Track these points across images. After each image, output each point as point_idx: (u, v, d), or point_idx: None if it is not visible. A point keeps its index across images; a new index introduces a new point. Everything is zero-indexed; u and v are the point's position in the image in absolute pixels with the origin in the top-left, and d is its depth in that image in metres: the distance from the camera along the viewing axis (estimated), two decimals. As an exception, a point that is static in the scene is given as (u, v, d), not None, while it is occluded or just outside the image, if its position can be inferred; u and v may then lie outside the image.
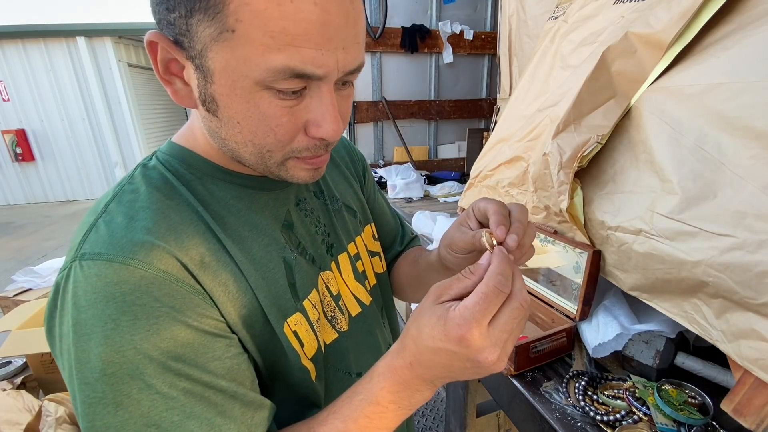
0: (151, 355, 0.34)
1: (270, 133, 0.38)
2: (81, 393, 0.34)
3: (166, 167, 0.43)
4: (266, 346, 0.44)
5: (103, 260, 0.34)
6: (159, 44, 0.36)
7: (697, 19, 0.77)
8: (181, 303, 0.36)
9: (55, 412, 1.74)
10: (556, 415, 0.74)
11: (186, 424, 0.35)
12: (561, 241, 0.95)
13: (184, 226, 0.40)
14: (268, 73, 0.33)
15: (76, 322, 0.34)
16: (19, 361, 2.53)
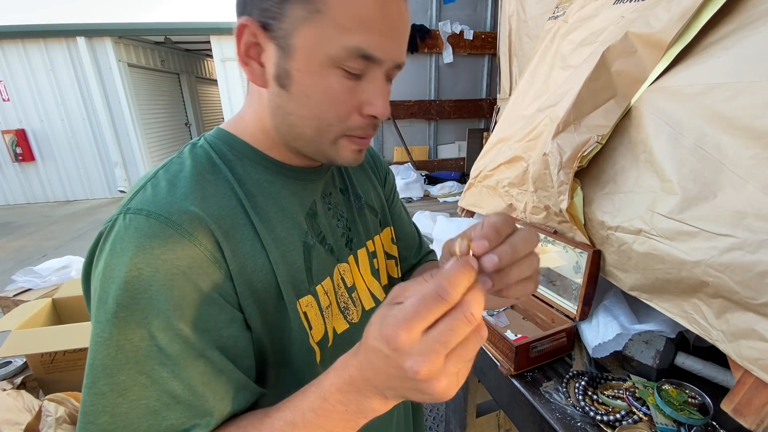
0: (161, 308, 0.37)
1: (333, 107, 0.43)
2: (93, 331, 0.37)
3: (212, 147, 0.48)
4: (276, 323, 0.46)
5: (143, 215, 0.38)
6: (247, 27, 0.41)
7: (697, 19, 0.77)
8: (199, 267, 0.39)
9: (55, 412, 1.74)
10: (556, 415, 0.74)
11: (172, 382, 0.37)
12: (561, 241, 0.95)
13: (218, 198, 0.43)
14: (342, 50, 0.39)
15: (106, 265, 0.37)
16: (19, 361, 2.53)
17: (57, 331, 2.39)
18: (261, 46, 0.42)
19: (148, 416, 0.36)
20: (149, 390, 0.36)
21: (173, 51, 8.82)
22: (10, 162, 6.96)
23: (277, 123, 0.46)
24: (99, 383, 0.36)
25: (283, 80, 0.42)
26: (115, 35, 6.77)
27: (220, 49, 7.26)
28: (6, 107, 6.76)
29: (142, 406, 0.36)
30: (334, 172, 0.61)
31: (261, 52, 0.43)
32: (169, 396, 0.37)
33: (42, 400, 1.77)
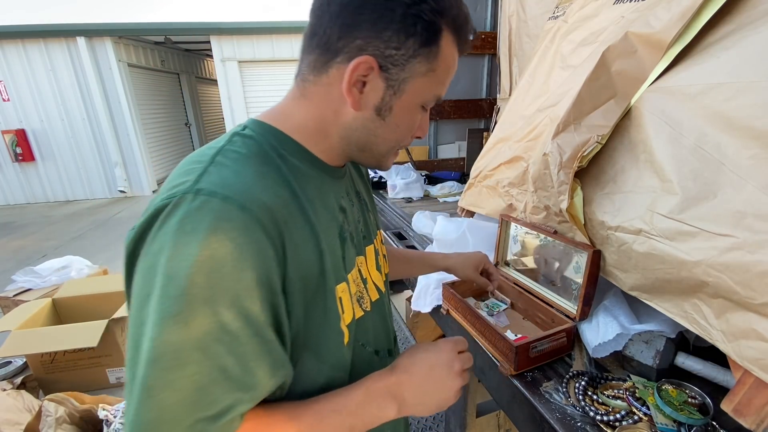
0: (229, 289, 0.39)
1: (408, 133, 0.56)
2: (160, 305, 0.38)
3: (263, 139, 0.50)
4: (317, 307, 0.50)
5: (218, 198, 0.40)
6: (365, 65, 0.47)
7: (697, 19, 0.77)
8: (265, 253, 0.42)
9: (55, 412, 1.74)
10: (556, 415, 0.74)
11: (226, 358, 0.39)
12: (561, 241, 0.95)
13: (276, 188, 0.46)
14: (433, 97, 0.53)
15: (176, 242, 0.38)
16: (19, 361, 2.54)
17: (57, 331, 2.40)
18: (368, 78, 0.49)
19: (197, 390, 0.38)
20: (203, 365, 0.38)
21: (173, 51, 8.83)
22: (10, 162, 6.96)
23: (356, 137, 0.54)
24: (165, 358, 0.37)
25: (383, 111, 0.51)
26: (115, 35, 6.78)
27: (220, 49, 7.26)
28: (6, 107, 6.77)
29: (195, 380, 0.38)
30: (349, 176, 0.66)
31: (365, 84, 0.49)
32: (220, 371, 0.39)
33: (42, 400, 1.76)
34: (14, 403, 1.86)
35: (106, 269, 3.31)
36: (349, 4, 0.46)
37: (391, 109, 0.51)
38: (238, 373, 0.40)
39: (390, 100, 0.50)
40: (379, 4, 0.45)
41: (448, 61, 0.51)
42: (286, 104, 0.55)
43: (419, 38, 0.47)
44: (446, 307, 1.12)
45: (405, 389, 0.51)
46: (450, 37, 0.49)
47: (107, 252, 4.51)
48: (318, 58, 0.50)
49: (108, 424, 1.78)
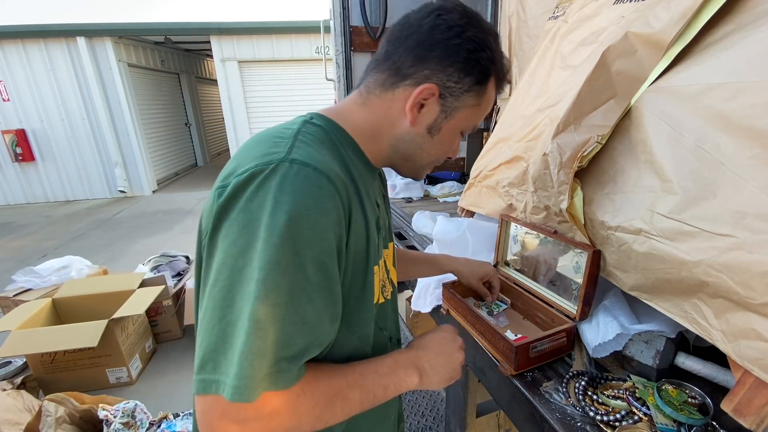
0: (315, 244, 0.46)
1: (446, 153, 0.67)
2: (264, 252, 0.43)
3: (329, 130, 0.58)
4: (358, 280, 0.57)
5: (311, 168, 0.47)
6: (429, 90, 0.57)
7: (697, 19, 0.77)
8: (341, 220, 0.49)
9: (55, 412, 1.74)
10: (556, 415, 0.74)
11: (306, 305, 0.46)
12: (561, 241, 0.95)
13: (342, 169, 0.54)
14: (471, 126, 0.65)
15: (277, 201, 0.44)
16: (19, 361, 2.54)
17: (57, 331, 2.40)
18: (428, 102, 0.59)
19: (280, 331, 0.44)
20: (288, 309, 0.44)
21: (173, 51, 8.83)
22: (10, 162, 6.96)
23: (405, 148, 0.63)
24: (271, 296, 0.43)
25: (434, 130, 0.61)
26: (115, 35, 6.77)
27: (220, 49, 7.26)
28: (6, 107, 6.76)
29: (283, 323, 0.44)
30: (378, 180, 0.73)
31: (423, 106, 0.59)
32: (300, 316, 0.45)
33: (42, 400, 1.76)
34: (14, 403, 1.86)
35: (106, 269, 3.31)
36: (425, 41, 0.56)
37: (440, 130, 0.61)
38: (313, 321, 0.47)
39: (441, 123, 0.61)
40: (449, 46, 0.56)
41: (489, 99, 0.62)
42: (347, 107, 0.63)
43: (474, 78, 0.58)
44: (446, 307, 1.12)
45: (424, 361, 0.62)
46: (493, 81, 0.61)
47: (107, 252, 4.51)
48: (387, 78, 0.59)
49: (108, 424, 1.78)
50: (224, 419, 0.43)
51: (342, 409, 0.52)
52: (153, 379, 2.45)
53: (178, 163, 9.16)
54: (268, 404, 0.44)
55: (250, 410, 0.43)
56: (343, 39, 2.43)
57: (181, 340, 2.83)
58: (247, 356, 0.42)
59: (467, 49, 0.56)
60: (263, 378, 0.43)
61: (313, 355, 0.48)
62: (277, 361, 0.44)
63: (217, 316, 0.44)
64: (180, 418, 1.95)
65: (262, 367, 0.43)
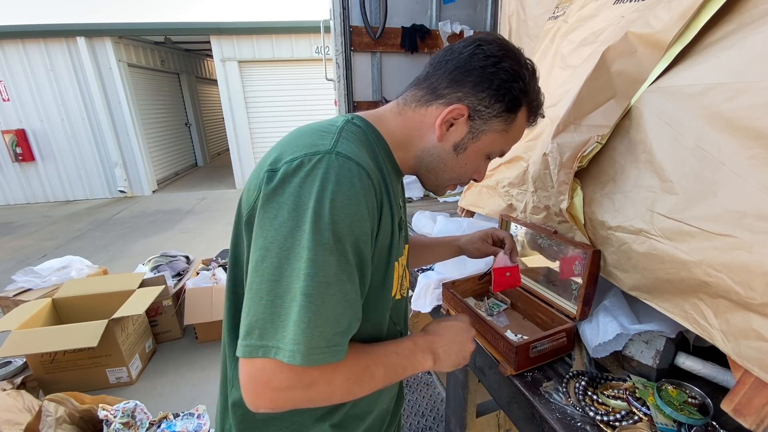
0: (356, 231, 0.50)
1: (470, 174, 0.70)
2: (313, 235, 0.48)
3: (367, 131, 0.62)
4: (379, 270, 0.60)
5: (354, 162, 0.52)
6: (459, 110, 0.61)
7: (697, 19, 0.77)
8: (374, 212, 0.54)
9: (55, 412, 1.74)
10: (556, 415, 0.74)
11: (347, 284, 0.51)
12: (561, 241, 0.95)
13: (377, 169, 0.58)
14: (499, 150, 0.68)
15: (323, 188, 0.49)
16: (19, 361, 2.53)
17: (57, 331, 2.40)
18: (455, 120, 0.63)
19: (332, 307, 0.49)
20: (332, 288, 0.49)
21: (173, 51, 8.83)
22: (10, 162, 6.95)
23: (429, 161, 0.67)
24: (320, 273, 0.48)
25: (459, 148, 0.65)
26: (115, 35, 6.77)
27: (220, 49, 7.26)
28: (6, 107, 6.76)
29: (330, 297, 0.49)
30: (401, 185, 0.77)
31: (453, 124, 0.63)
32: (343, 294, 0.50)
33: (42, 400, 1.77)
34: (14, 403, 1.86)
35: (106, 269, 3.31)
36: (462, 67, 0.61)
37: (466, 149, 0.65)
38: (353, 299, 0.52)
39: (467, 142, 0.64)
40: (485, 74, 0.60)
41: (518, 128, 0.66)
42: (385, 114, 0.67)
43: (504, 106, 0.61)
44: (446, 307, 1.12)
45: (439, 347, 0.66)
46: (525, 113, 0.65)
47: (107, 252, 4.51)
48: (424, 96, 0.64)
49: (108, 424, 1.78)
50: (268, 386, 0.48)
51: (368, 384, 0.56)
52: (153, 379, 2.45)
53: (178, 163, 9.15)
54: (310, 375, 0.49)
55: (294, 379, 0.48)
56: (343, 39, 2.43)
57: (181, 340, 2.83)
58: (301, 326, 0.47)
59: (501, 78, 0.60)
60: (320, 350, 0.48)
61: (354, 331, 0.53)
62: (333, 336, 0.49)
63: (265, 289, 0.48)
64: (180, 418, 1.95)
65: (316, 339, 0.47)
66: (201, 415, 1.99)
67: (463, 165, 0.67)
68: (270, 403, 0.49)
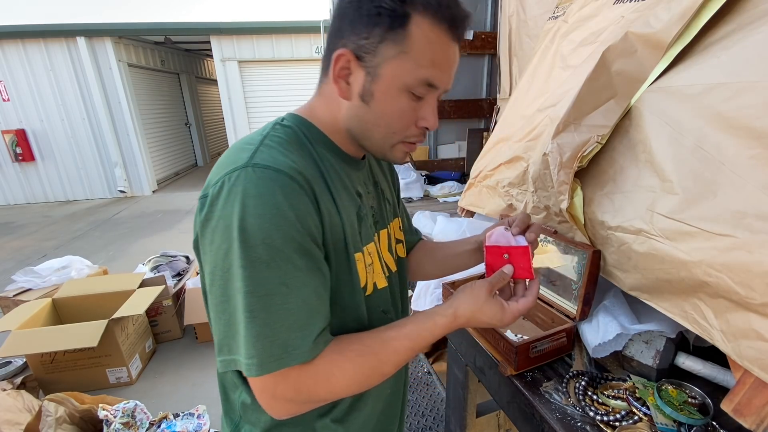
0: (293, 236, 0.50)
1: (399, 121, 0.59)
2: (242, 252, 0.48)
3: (298, 129, 0.61)
4: (342, 266, 0.60)
5: (272, 169, 0.51)
6: (344, 56, 0.56)
7: (697, 19, 0.77)
8: (311, 210, 0.53)
9: (55, 412, 1.74)
10: (556, 415, 0.74)
11: (303, 288, 0.51)
12: (561, 241, 0.95)
13: (309, 167, 0.57)
14: (415, 80, 0.55)
15: (244, 205, 0.48)
16: (19, 361, 2.53)
17: (57, 331, 2.40)
18: (350, 70, 0.57)
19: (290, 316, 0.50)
20: (289, 297, 0.50)
21: (173, 51, 8.83)
22: (10, 162, 6.96)
23: (353, 126, 0.61)
24: (258, 289, 0.49)
25: (367, 97, 0.57)
26: (115, 35, 6.77)
27: (220, 49, 7.26)
28: (6, 107, 6.76)
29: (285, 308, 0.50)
30: (368, 168, 0.74)
31: (350, 75, 0.57)
32: (302, 300, 0.51)
33: (42, 400, 1.77)
34: (14, 403, 1.86)
35: (106, 269, 3.31)
36: (337, 16, 0.57)
37: (373, 94, 0.57)
38: (314, 300, 0.52)
39: (370, 86, 0.56)
40: (353, 8, 0.55)
41: (423, 42, 0.53)
42: (312, 101, 0.65)
43: (384, 25, 0.53)
44: (446, 307, 1.12)
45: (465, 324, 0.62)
46: (424, 21, 0.53)
47: (107, 252, 4.51)
48: (323, 61, 0.61)
49: (108, 424, 1.78)
50: (264, 394, 0.53)
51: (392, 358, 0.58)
52: (153, 379, 2.45)
53: (178, 163, 9.15)
54: (293, 377, 0.52)
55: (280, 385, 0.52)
56: (343, 39, 2.43)
57: (181, 340, 2.83)
58: (250, 340, 0.49)
59: (368, 2, 0.53)
60: (276, 356, 0.50)
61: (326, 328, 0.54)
62: (288, 341, 0.50)
63: (220, 310, 0.51)
64: (180, 418, 1.95)
65: (268, 349, 0.49)
66: (201, 415, 1.99)
67: (382, 114, 0.58)
68: (286, 411, 0.54)
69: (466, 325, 0.62)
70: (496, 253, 0.68)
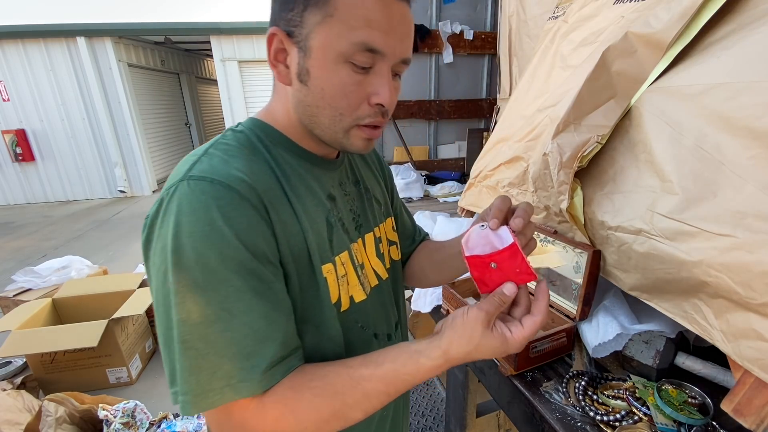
0: (232, 255, 0.44)
1: (344, 97, 0.50)
2: (175, 276, 0.43)
3: (252, 132, 0.56)
4: (308, 281, 0.54)
5: (207, 181, 0.45)
6: (275, 36, 0.50)
7: (697, 19, 0.77)
8: (257, 225, 0.47)
9: (55, 412, 1.74)
10: (556, 415, 0.74)
11: (248, 313, 0.45)
12: (561, 241, 0.95)
13: (261, 174, 0.51)
14: (350, 45, 0.47)
15: (178, 223, 0.43)
16: (19, 361, 2.53)
17: (57, 331, 2.40)
18: (286, 50, 0.51)
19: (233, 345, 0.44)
20: (231, 323, 0.44)
21: (173, 51, 8.82)
22: (10, 162, 6.95)
23: (300, 114, 0.54)
24: (192, 316, 0.43)
25: (303, 77, 0.51)
26: (115, 35, 6.77)
27: (220, 49, 7.26)
28: (6, 107, 6.76)
29: (227, 336, 0.44)
30: (347, 166, 0.68)
31: (286, 56, 0.51)
32: (248, 327, 0.45)
33: (42, 400, 1.77)
34: (14, 403, 1.86)
35: (106, 269, 3.31)
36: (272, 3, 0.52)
37: (309, 71, 0.50)
38: (262, 326, 0.46)
39: (304, 63, 0.50)
40: None
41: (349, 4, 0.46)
42: (269, 101, 0.60)
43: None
44: (446, 307, 1.12)
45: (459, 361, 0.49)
46: None
47: (107, 252, 4.51)
48: None
49: (108, 424, 1.78)
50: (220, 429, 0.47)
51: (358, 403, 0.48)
52: (153, 379, 2.45)
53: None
54: (237, 415, 0.45)
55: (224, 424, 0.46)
56: (343, 39, 2.43)
57: (181, 340, 2.83)
58: (184, 374, 0.44)
59: None
60: (218, 390, 0.44)
61: (285, 357, 0.47)
62: (232, 372, 0.44)
63: (163, 339, 0.46)
64: (180, 419, 1.95)
65: (205, 383, 0.44)
66: (201, 415, 1.99)
67: (321, 92, 0.50)
68: None
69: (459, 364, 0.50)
70: (480, 264, 0.52)
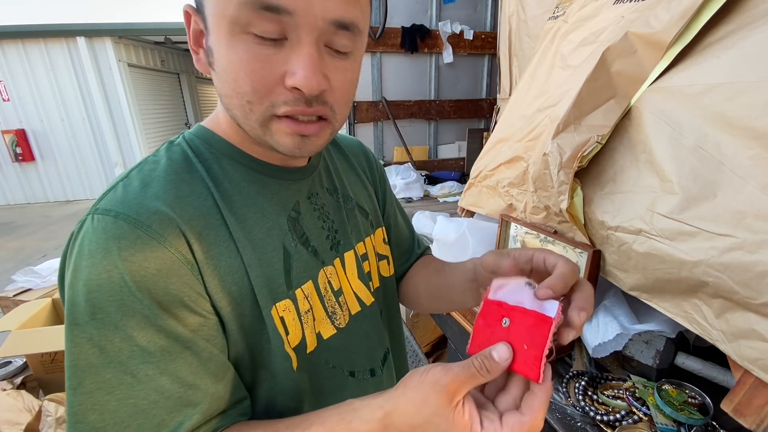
0: (135, 309, 0.37)
1: (247, 79, 0.39)
2: (70, 333, 0.37)
3: (189, 145, 0.47)
4: (253, 327, 0.45)
5: (111, 216, 0.38)
6: (190, 14, 0.42)
7: (697, 19, 0.77)
8: (169, 269, 0.38)
9: (55, 412, 1.74)
10: (556, 415, 0.74)
11: (158, 378, 0.38)
12: (561, 241, 0.95)
13: (192, 198, 0.42)
14: (238, 6, 0.36)
15: (75, 267, 0.37)
16: (19, 361, 2.53)
17: (57, 331, 2.38)
18: (198, 31, 0.42)
19: (138, 415, 0.37)
20: (136, 389, 0.37)
21: (173, 51, 8.82)
22: (10, 162, 6.95)
23: (225, 107, 0.44)
24: (85, 383, 0.36)
25: (211, 59, 0.41)
26: (115, 35, 6.77)
27: (220, 49, 7.26)
28: (6, 107, 6.76)
29: (130, 404, 0.37)
30: (322, 172, 0.58)
31: (202, 41, 0.42)
32: (158, 393, 0.38)
33: (42, 400, 1.76)
34: (14, 403, 1.85)
35: (106, 269, 3.31)
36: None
37: (212, 52, 0.40)
38: (177, 390, 0.38)
39: (208, 42, 0.41)
40: None
41: None
42: (217, 111, 0.50)
43: None
44: (446, 307, 1.12)
45: None
46: None
47: (107, 252, 4.51)
48: None
49: (108, 424, 1.78)
50: None
51: None
52: (153, 379, 2.45)
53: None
54: None
55: None
56: (343, 39, 2.43)
57: (181, 340, 2.83)
58: None
59: None
60: None
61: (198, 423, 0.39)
62: None
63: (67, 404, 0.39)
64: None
65: None
66: None
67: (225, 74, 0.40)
68: None
69: None
70: (494, 313, 0.39)
